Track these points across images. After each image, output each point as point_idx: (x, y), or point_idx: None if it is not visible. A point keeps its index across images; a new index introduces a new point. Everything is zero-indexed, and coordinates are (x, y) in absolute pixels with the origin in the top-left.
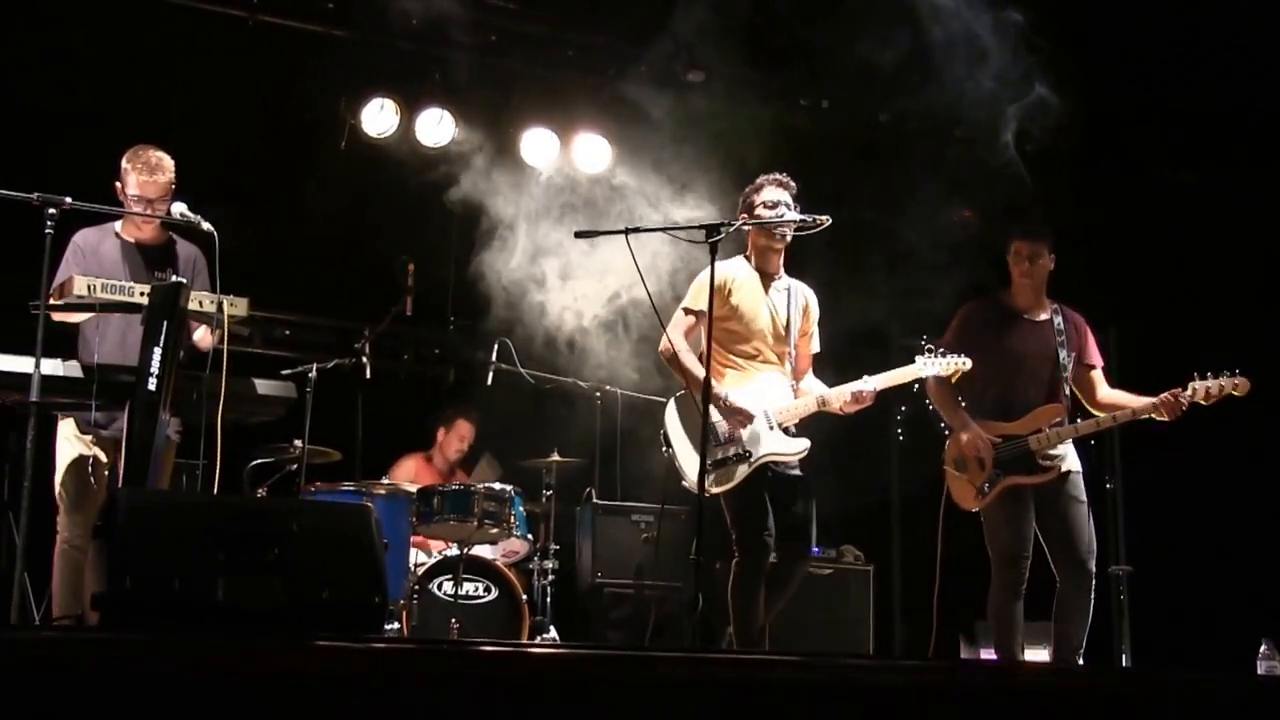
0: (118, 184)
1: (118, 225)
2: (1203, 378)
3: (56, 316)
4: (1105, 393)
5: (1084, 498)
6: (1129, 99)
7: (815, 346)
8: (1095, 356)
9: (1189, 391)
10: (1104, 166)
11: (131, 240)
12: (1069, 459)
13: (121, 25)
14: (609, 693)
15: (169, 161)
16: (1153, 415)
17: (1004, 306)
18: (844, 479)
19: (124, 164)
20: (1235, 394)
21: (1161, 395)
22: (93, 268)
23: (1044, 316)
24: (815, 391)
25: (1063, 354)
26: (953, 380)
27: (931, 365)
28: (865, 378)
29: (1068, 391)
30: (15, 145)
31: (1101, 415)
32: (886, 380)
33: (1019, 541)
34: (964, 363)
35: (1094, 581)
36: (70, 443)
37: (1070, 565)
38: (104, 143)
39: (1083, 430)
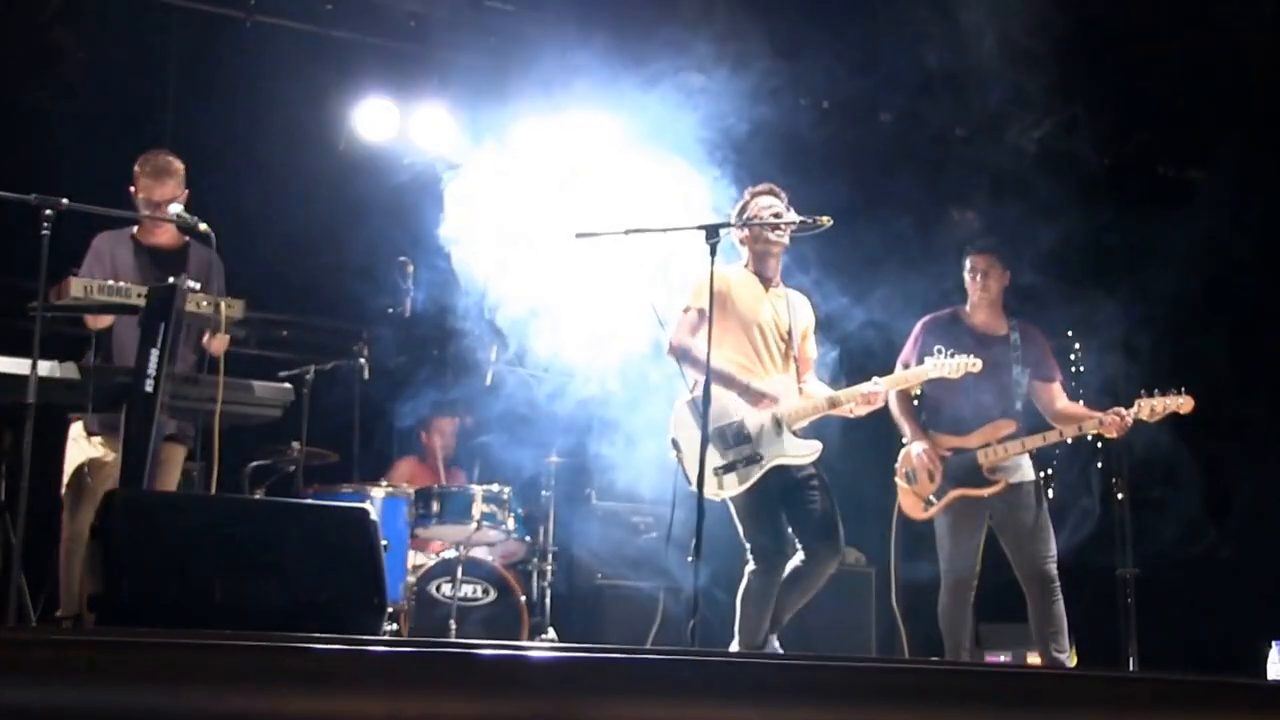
0: (132, 188)
1: (135, 229)
2: (1149, 394)
3: (92, 325)
4: (1062, 405)
5: (1036, 505)
6: (1130, 98)
7: (813, 350)
8: (1052, 370)
9: (1135, 409)
10: (1106, 166)
11: (146, 244)
12: (1020, 471)
13: (120, 25)
14: (609, 693)
15: (177, 165)
16: (1100, 432)
17: (960, 321)
18: (847, 480)
19: (136, 168)
20: (1180, 412)
21: (1108, 412)
22: (109, 271)
23: (1001, 332)
24: (822, 393)
25: (1016, 369)
26: (913, 393)
27: (942, 366)
28: (875, 379)
29: (1019, 407)
30: (13, 145)
31: (1058, 429)
32: (896, 382)
33: (960, 551)
34: (974, 363)
35: (1057, 584)
36: (78, 444)
37: (1028, 572)
38: (102, 143)
39: (1029, 445)
